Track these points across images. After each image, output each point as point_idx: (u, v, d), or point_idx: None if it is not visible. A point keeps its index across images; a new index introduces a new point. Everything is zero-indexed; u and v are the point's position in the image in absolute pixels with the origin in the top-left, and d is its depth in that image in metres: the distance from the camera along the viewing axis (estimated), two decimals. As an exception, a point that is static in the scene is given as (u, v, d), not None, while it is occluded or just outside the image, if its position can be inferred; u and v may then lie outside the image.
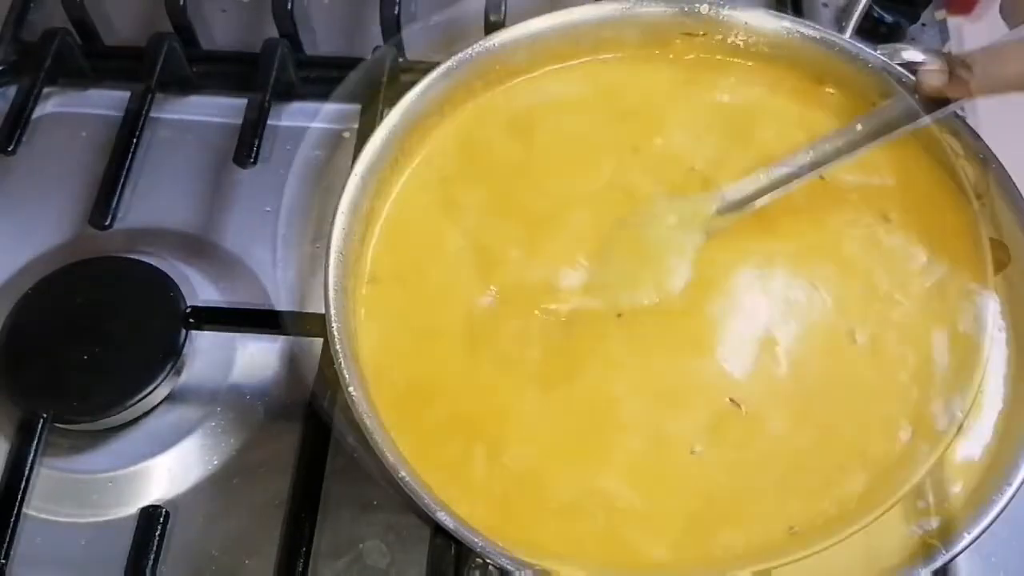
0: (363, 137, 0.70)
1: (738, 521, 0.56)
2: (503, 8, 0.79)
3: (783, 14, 0.71)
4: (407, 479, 0.53)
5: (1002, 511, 0.55)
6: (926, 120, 0.60)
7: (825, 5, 0.91)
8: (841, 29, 0.77)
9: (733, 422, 0.58)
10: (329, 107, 0.81)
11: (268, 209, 0.77)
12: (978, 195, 0.64)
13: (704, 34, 0.69)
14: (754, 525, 0.55)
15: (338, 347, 0.56)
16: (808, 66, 0.69)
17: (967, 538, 0.55)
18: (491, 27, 0.78)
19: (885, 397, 0.59)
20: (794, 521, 0.55)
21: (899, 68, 0.66)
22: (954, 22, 0.92)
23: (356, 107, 0.80)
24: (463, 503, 0.55)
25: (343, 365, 0.55)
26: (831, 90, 0.70)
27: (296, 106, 0.84)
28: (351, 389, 0.55)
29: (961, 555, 0.66)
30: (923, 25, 0.90)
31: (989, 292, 0.61)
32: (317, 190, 0.73)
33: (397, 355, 0.60)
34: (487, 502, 0.56)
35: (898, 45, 0.80)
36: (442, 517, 0.52)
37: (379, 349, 0.60)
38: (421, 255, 0.64)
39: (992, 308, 0.61)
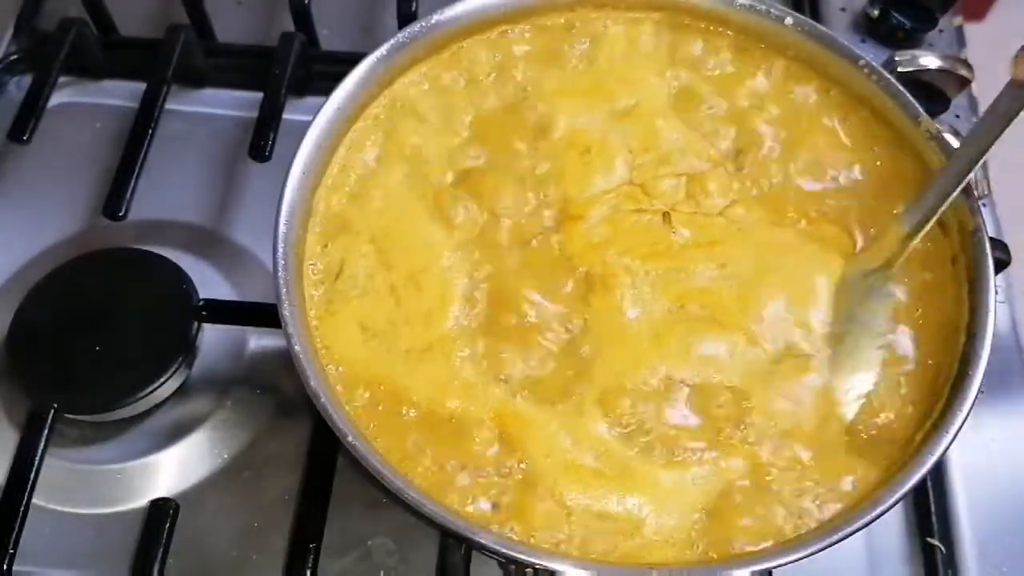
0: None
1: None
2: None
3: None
4: (356, 444, 0.53)
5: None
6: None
7: (843, 10, 0.91)
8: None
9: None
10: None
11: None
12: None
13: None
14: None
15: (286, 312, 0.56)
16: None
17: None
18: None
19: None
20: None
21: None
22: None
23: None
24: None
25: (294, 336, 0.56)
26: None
27: (309, 100, 0.84)
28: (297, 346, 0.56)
29: (971, 565, 0.67)
30: (940, 31, 0.89)
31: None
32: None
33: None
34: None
35: (916, 52, 0.80)
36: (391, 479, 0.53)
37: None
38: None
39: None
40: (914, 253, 0.63)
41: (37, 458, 0.64)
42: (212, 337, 0.72)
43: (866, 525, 0.54)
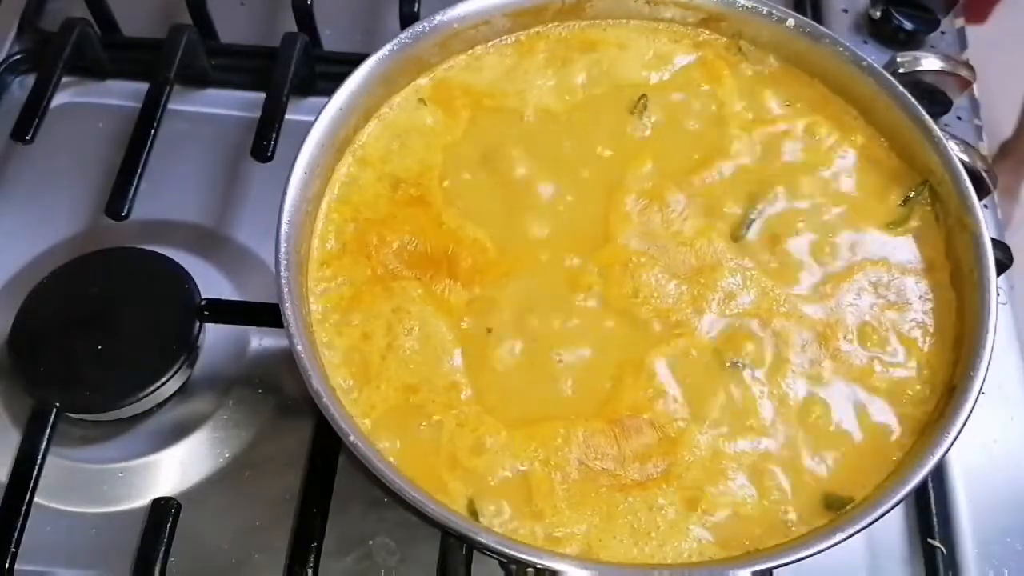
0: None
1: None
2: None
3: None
4: (357, 444, 0.53)
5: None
6: None
7: (845, 11, 0.91)
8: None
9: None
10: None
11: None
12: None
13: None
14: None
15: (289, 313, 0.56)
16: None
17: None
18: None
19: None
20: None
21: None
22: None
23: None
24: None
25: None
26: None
27: (312, 100, 0.84)
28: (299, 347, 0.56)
29: (972, 566, 0.67)
30: (942, 33, 0.89)
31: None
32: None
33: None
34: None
35: (917, 53, 0.81)
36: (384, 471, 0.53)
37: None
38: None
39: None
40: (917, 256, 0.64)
41: (39, 457, 0.64)
42: (214, 336, 0.72)
43: (867, 526, 0.54)
